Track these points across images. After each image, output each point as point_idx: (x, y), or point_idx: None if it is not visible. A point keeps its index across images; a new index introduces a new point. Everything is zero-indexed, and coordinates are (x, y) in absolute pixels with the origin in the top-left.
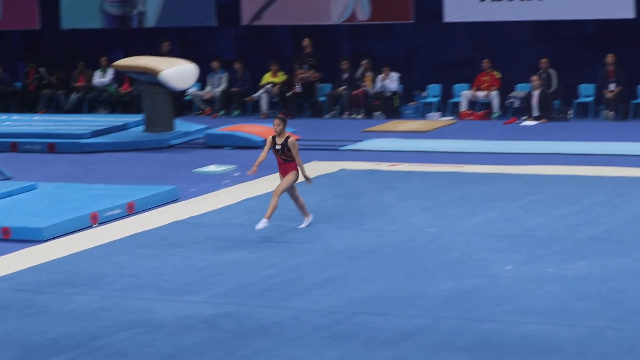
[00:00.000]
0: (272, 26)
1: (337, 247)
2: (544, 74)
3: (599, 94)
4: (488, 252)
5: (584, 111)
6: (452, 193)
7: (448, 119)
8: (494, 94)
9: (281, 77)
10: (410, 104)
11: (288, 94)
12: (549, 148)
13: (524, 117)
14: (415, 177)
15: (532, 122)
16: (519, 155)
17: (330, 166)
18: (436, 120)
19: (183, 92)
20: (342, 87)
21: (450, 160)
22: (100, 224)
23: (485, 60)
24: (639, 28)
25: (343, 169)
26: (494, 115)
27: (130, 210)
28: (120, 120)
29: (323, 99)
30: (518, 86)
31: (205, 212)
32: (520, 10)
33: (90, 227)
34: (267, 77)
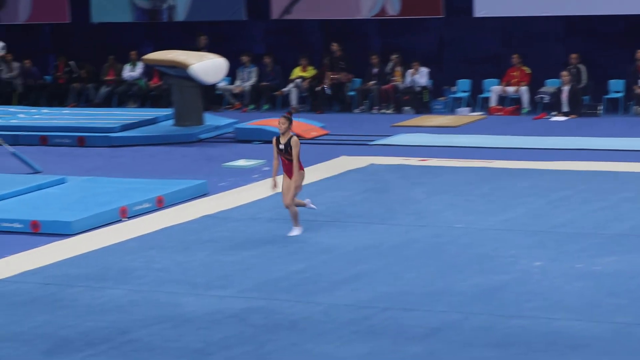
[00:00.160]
0: (302, 20)
1: (366, 242)
2: (573, 70)
3: (628, 89)
4: (517, 248)
5: (613, 107)
6: (481, 188)
7: (477, 114)
8: (524, 89)
9: (311, 71)
10: (439, 99)
11: (317, 88)
12: (578, 144)
13: (553, 113)
14: (445, 172)
15: (561, 118)
16: (548, 150)
17: (359, 161)
18: (466, 115)
19: (213, 86)
20: (372, 82)
21: (479, 156)
22: (129, 218)
23: (515, 56)
24: None
25: (372, 164)
26: (524, 110)
27: (160, 204)
28: (150, 114)
29: (352, 93)
30: (548, 81)
31: (234, 207)
32: (550, 5)
33: (119, 221)
34: (297, 72)
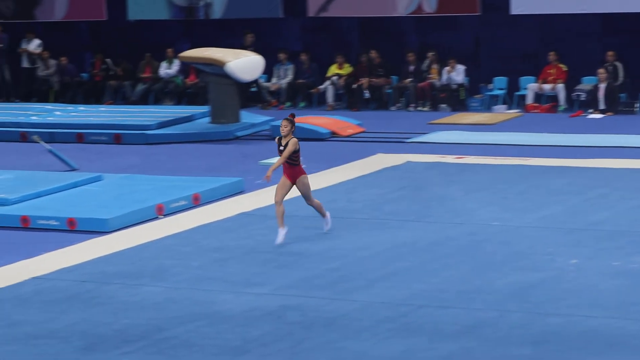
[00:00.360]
0: (339, 18)
1: (402, 239)
2: (610, 67)
3: None
4: (553, 246)
5: None
6: (517, 186)
7: (514, 112)
8: (560, 86)
9: (347, 69)
10: (476, 96)
11: (354, 85)
12: (615, 141)
13: (590, 110)
14: (481, 169)
15: (598, 115)
16: (584, 148)
17: (396, 158)
18: (502, 113)
19: (249, 84)
20: (408, 80)
21: (516, 153)
22: (165, 215)
23: (551, 53)
24: None
25: (409, 162)
26: (560, 108)
27: (196, 201)
28: (186, 112)
29: (389, 91)
30: (584, 79)
31: (270, 204)
32: (587, 2)
33: (155, 218)
34: (333, 69)
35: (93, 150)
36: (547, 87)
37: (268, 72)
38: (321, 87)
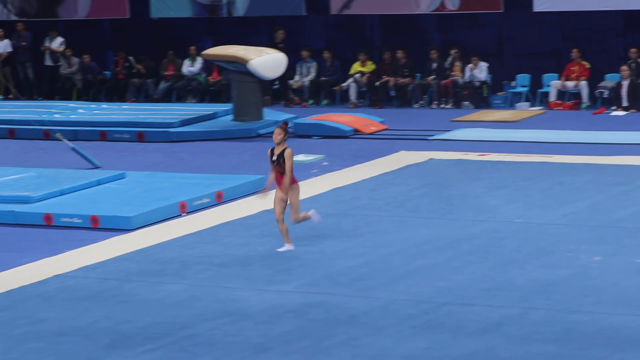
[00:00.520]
0: (361, 15)
1: (424, 236)
2: (633, 64)
3: None
4: (576, 243)
5: None
6: (540, 183)
7: (537, 109)
8: (583, 83)
9: (370, 66)
10: (499, 93)
11: (377, 83)
12: (638, 138)
13: (613, 107)
14: (504, 167)
15: (621, 112)
16: (608, 145)
17: (418, 156)
18: (525, 110)
19: (273, 82)
20: (431, 77)
21: (539, 151)
22: (188, 213)
23: (574, 50)
24: None
25: (432, 159)
26: (583, 105)
27: (219, 199)
28: (209, 109)
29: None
30: (607, 76)
31: None
32: None
33: (178, 216)
34: (356, 67)
35: (116, 148)
36: (570, 84)
37: (291, 70)
38: (344, 84)
